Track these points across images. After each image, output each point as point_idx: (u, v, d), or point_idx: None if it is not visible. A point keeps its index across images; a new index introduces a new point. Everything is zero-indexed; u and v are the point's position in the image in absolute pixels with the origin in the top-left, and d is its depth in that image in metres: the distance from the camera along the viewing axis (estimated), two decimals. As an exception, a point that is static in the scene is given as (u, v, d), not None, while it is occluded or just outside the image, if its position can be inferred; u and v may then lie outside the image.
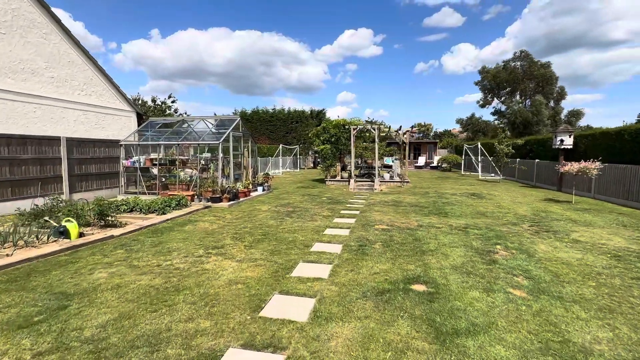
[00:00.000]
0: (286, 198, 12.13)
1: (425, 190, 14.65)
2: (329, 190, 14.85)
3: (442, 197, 12.45)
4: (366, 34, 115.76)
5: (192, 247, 6.07)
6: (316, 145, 17.59)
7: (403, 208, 10.02)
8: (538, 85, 32.62)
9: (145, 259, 5.40)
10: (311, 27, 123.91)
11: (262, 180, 13.37)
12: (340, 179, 17.16)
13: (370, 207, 10.29)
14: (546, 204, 10.70)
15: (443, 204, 10.70)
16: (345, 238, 6.61)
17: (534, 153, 18.13)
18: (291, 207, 10.27)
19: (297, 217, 8.66)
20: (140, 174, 11.35)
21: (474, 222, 8.00)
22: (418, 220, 8.29)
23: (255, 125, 39.86)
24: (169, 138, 11.52)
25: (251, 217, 8.80)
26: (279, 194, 13.38)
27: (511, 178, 19.29)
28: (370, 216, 8.77)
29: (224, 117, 12.16)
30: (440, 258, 5.36)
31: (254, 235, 6.90)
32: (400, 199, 11.87)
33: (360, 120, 16.80)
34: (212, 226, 7.73)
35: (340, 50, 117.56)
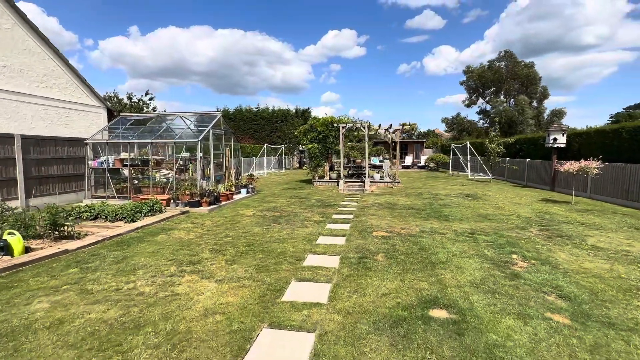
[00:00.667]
0: (272, 201, 11.23)
1: (418, 190, 14.06)
2: (318, 191, 14.03)
3: (437, 198, 11.84)
4: (350, 34, 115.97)
5: (162, 262, 5.12)
6: (303, 143, 16.73)
7: (399, 211, 9.31)
8: (522, 85, 32.91)
9: (102, 280, 4.42)
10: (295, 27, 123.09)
11: (246, 181, 12.42)
12: (329, 180, 16.37)
13: (364, 210, 9.53)
14: (546, 205, 10.24)
15: (440, 206, 10.06)
16: (342, 248, 5.81)
17: (524, 152, 17.89)
18: (278, 211, 9.39)
19: (286, 223, 7.79)
20: (109, 175, 10.19)
21: (479, 227, 7.35)
22: (418, 225, 7.58)
23: (238, 124, 38.59)
24: (142, 136, 10.41)
25: (234, 223, 7.87)
26: (264, 196, 12.45)
27: (501, 178, 19.03)
28: (366, 221, 8.01)
29: (204, 113, 11.15)
30: (454, 272, 4.63)
31: (236, 246, 6.00)
32: (394, 201, 11.18)
33: (349, 118, 16.10)
34: (188, 235, 6.77)
35: (324, 50, 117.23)
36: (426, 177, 21.29)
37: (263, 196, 12.44)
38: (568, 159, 13.84)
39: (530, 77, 32.11)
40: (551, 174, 14.17)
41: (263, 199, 11.62)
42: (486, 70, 34.26)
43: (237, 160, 12.72)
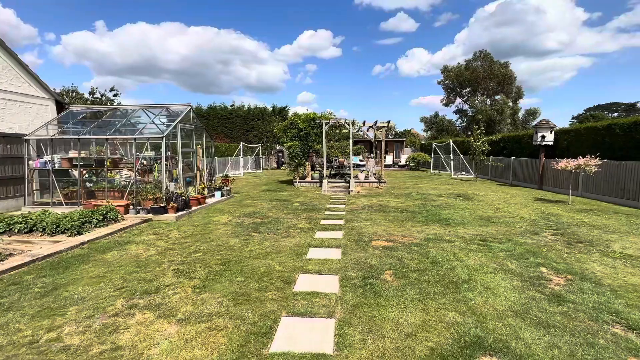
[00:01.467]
0: (251, 205, 10.02)
1: (406, 191, 13.29)
2: (300, 193, 12.94)
3: (428, 199, 11.08)
4: (325, 35, 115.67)
5: (107, 293, 3.87)
6: (283, 141, 15.59)
7: (393, 215, 8.40)
8: (498, 85, 33.36)
9: (12, 327, 3.15)
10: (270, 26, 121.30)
11: (220, 183, 11.12)
12: (311, 180, 15.32)
13: (355, 214, 8.55)
14: (543, 205, 9.70)
15: (435, 208, 9.27)
16: (339, 264, 4.77)
17: (507, 150, 17.65)
18: (258, 217, 8.22)
19: (268, 232, 6.66)
20: (55, 178, 8.61)
21: (486, 232, 6.56)
22: (420, 231, 6.69)
23: (212, 122, 36.70)
24: (96, 131, 8.88)
25: (206, 233, 6.64)
26: (241, 199, 11.21)
27: (485, 176, 18.72)
28: (360, 227, 7.02)
29: (171, 106, 9.76)
30: (486, 295, 3.72)
31: (208, 264, 4.82)
32: (384, 203, 10.29)
33: (333, 115, 15.11)
34: (148, 251, 5.50)
35: (300, 50, 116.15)
36: (410, 177, 20.71)
37: (240, 199, 11.20)
38: (556, 157, 13.57)
39: (506, 77, 32.60)
40: (539, 172, 13.85)
41: (240, 203, 10.38)
42: (463, 70, 34.46)
43: (210, 159, 11.39)
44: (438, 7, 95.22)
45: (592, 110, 57.11)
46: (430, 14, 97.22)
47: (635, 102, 54.05)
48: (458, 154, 21.57)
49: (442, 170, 25.13)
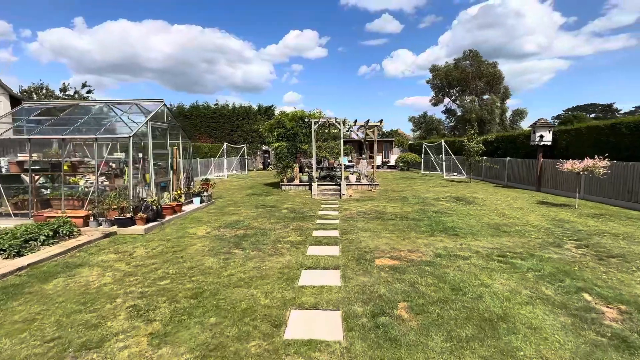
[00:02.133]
0: (233, 212, 9.00)
1: (400, 194, 12.51)
2: (288, 197, 11.97)
3: (427, 203, 10.32)
4: (311, 35, 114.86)
5: (28, 351, 2.84)
6: (269, 141, 14.58)
7: (393, 223, 7.56)
8: (487, 84, 33.21)
9: None
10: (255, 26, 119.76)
11: (199, 188, 10.03)
12: (299, 183, 14.37)
13: (351, 223, 7.67)
14: (549, 210, 9.06)
15: (437, 214, 8.49)
16: (340, 294, 3.86)
17: (502, 150, 17.15)
18: (241, 227, 7.23)
19: (253, 249, 5.69)
20: (2, 185, 7.37)
21: (502, 245, 5.78)
22: (427, 244, 5.85)
23: (194, 122, 35.27)
24: (50, 130, 7.67)
25: (178, 251, 5.62)
26: (223, 205, 10.15)
27: (478, 177, 18.19)
28: (359, 240, 6.13)
29: (142, 102, 8.63)
30: (534, 341, 2.88)
31: (175, 297, 3.82)
32: (380, 209, 9.45)
33: (322, 113, 14.21)
34: (102, 278, 4.45)
35: (286, 50, 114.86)
36: (401, 178, 20.01)
37: (222, 206, 10.14)
38: (555, 158, 13.06)
39: (495, 77, 32.47)
40: (536, 173, 13.32)
41: (221, 210, 9.34)
42: (452, 69, 34.17)
43: (188, 162, 10.28)
44: (422, 9, 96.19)
45: (571, 111, 58.38)
46: (415, 15, 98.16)
47: (612, 103, 55.83)
48: (450, 155, 21.03)
49: (433, 170, 24.61)
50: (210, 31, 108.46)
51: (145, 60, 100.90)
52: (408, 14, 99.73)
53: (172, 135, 9.39)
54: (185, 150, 10.01)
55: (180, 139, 9.54)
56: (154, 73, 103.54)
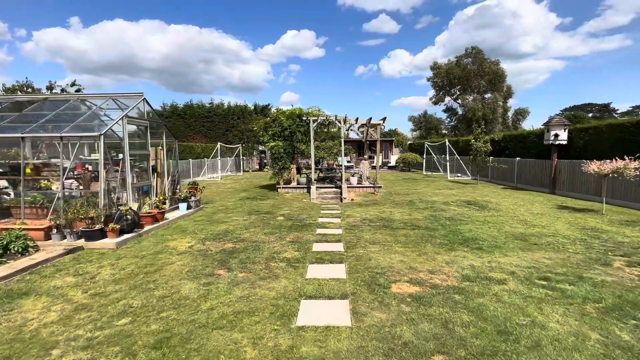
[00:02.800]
0: (223, 220, 8.04)
1: (406, 197, 11.59)
2: (285, 202, 11.02)
3: (436, 208, 9.41)
4: (309, 35, 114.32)
5: None
6: (264, 141, 13.63)
7: (404, 233, 6.64)
8: (490, 83, 32.37)
9: None
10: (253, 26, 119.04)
11: (187, 193, 9.05)
12: (297, 186, 13.42)
13: (356, 233, 6.73)
14: (575, 216, 8.18)
15: (451, 222, 7.58)
16: (352, 342, 2.92)
17: (510, 150, 16.30)
18: (230, 240, 6.27)
19: (241, 268, 4.74)
20: (-47, 191, 6.37)
21: (537, 262, 4.87)
22: (449, 261, 4.93)
23: (189, 122, 34.21)
24: (7, 128, 6.60)
25: (151, 272, 4.66)
26: (213, 212, 9.19)
27: (484, 179, 17.32)
28: (368, 257, 5.20)
29: (119, 97, 7.64)
30: None
31: (132, 347, 2.87)
32: (387, 215, 8.53)
33: (321, 111, 13.28)
34: (46, 314, 3.49)
35: (284, 50, 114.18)
36: (403, 179, 19.11)
37: (211, 212, 9.17)
38: (570, 158, 12.20)
39: (498, 75, 31.63)
40: (551, 174, 12.45)
41: (210, 218, 8.37)
42: (454, 67, 33.31)
43: (174, 163, 9.28)
44: (419, 9, 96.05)
45: (569, 110, 58.12)
46: (412, 16, 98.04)
47: (609, 103, 55.56)
48: (454, 155, 20.17)
49: (435, 171, 23.75)
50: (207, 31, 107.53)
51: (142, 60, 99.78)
52: (405, 14, 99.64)
53: (155, 134, 8.40)
54: (171, 151, 9.03)
55: (164, 138, 8.55)
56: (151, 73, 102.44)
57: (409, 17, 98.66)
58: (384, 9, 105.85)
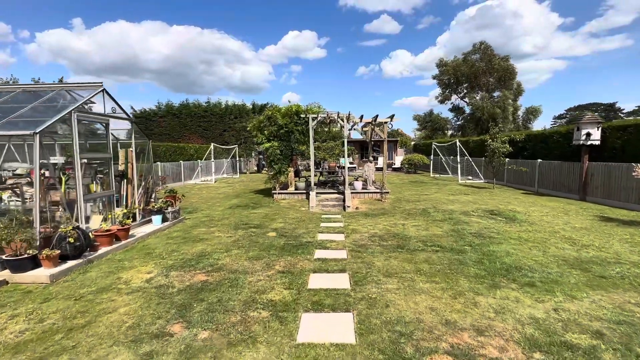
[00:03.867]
0: (202, 238, 6.65)
1: (417, 204, 10.18)
2: (280, 211, 9.62)
3: (456, 220, 8.01)
4: (310, 36, 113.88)
5: None
6: (258, 141, 12.26)
7: (425, 258, 5.23)
8: (499, 80, 30.82)
9: None
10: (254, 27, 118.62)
11: (161, 203, 7.66)
12: (295, 191, 12.03)
13: (364, 258, 5.33)
14: (630, 232, 6.76)
15: (479, 240, 6.18)
16: None
17: (529, 151, 14.85)
18: (203, 269, 4.88)
19: (205, 323, 3.34)
20: None
21: (627, 310, 3.46)
22: (497, 309, 3.52)
23: (184, 121, 32.89)
24: None
25: (78, 329, 3.27)
26: (193, 225, 7.81)
27: (500, 182, 15.86)
28: (383, 300, 3.79)
29: (73, 88, 6.26)
30: None
31: None
32: (399, 229, 7.12)
33: (321, 108, 11.90)
34: None
35: (285, 51, 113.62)
36: (410, 182, 17.68)
37: (192, 225, 7.79)
38: (604, 160, 10.77)
39: (507, 71, 30.08)
40: (581, 179, 11.01)
41: (188, 233, 6.98)
42: (461, 64, 31.76)
43: (147, 167, 7.89)
44: (420, 10, 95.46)
45: (573, 110, 57.01)
46: (413, 16, 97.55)
47: (614, 103, 54.45)
48: (464, 156, 18.74)
49: (443, 173, 22.32)
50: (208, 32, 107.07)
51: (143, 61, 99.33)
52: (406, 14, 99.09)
53: (120, 133, 7.03)
54: (143, 153, 7.64)
55: (133, 139, 7.15)
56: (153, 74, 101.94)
57: (410, 18, 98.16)
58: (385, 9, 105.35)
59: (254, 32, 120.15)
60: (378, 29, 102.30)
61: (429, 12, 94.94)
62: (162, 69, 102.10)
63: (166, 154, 18.03)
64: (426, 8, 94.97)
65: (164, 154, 17.73)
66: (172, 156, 18.83)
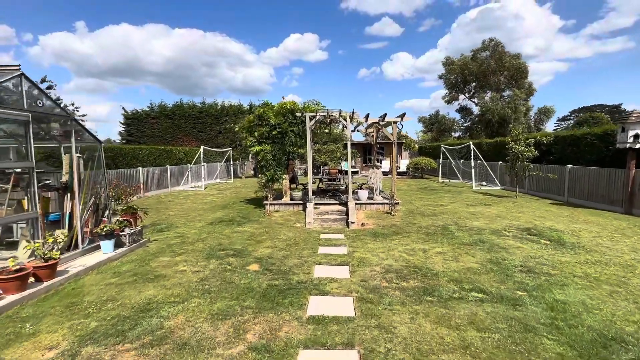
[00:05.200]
0: (158, 274, 4.98)
1: (435, 220, 8.51)
2: (270, 228, 7.97)
3: (489, 243, 6.35)
4: (312, 38, 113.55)
5: None
6: (247, 144, 10.63)
7: (468, 316, 3.57)
8: (511, 79, 29.08)
9: None
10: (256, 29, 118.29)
11: (115, 225, 5.99)
12: (289, 202, 10.38)
13: (380, 316, 3.67)
14: None
15: (534, 282, 4.52)
16: None
17: (556, 155, 13.17)
18: (135, 341, 3.22)
19: None
20: None
21: None
22: None
23: (178, 123, 31.31)
24: None
25: None
26: (156, 251, 6.15)
27: (521, 189, 14.14)
28: None
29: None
30: None
31: None
32: (419, 259, 5.47)
33: (320, 105, 10.27)
34: None
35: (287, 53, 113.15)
36: (419, 189, 16.01)
37: (154, 251, 6.13)
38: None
39: (520, 70, 28.34)
40: (626, 189, 9.34)
41: (142, 266, 5.32)
42: (469, 62, 30.04)
43: (92, 175, 6.20)
44: (422, 12, 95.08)
45: (576, 112, 55.68)
46: (414, 19, 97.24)
47: (620, 104, 53.01)
48: (478, 160, 17.06)
49: (452, 178, 20.68)
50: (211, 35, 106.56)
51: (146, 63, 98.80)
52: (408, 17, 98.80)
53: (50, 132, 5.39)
54: (92, 160, 5.98)
55: (73, 141, 5.50)
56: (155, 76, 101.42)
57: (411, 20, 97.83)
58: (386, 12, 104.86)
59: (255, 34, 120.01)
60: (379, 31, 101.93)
61: (430, 14, 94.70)
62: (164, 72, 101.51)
63: (150, 158, 16.38)
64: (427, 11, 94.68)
65: (147, 157, 16.08)
66: (158, 160, 17.20)
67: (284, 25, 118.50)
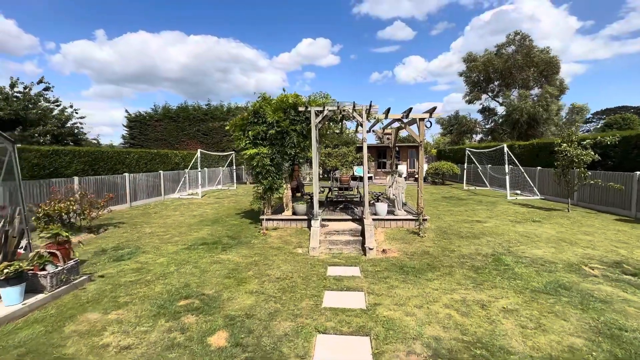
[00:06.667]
0: (56, 355, 3.12)
1: (478, 245, 6.44)
2: (262, 256, 6.04)
3: (573, 289, 4.29)
4: (324, 43, 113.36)
5: None
6: (240, 146, 8.78)
7: None
8: (540, 75, 26.47)
9: None
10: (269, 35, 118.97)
11: (34, 260, 4.18)
12: (291, 217, 8.46)
13: None
14: None
15: None
16: None
17: (615, 160, 10.86)
18: None
19: None
20: None
21: None
22: None
23: (182, 126, 29.92)
24: None
25: None
26: (89, 299, 4.30)
27: (564, 200, 11.84)
28: None
29: None
30: None
31: None
32: (483, 328, 3.45)
33: (328, 98, 8.32)
34: None
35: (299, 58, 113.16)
36: (444, 198, 13.85)
37: (88, 299, 4.29)
38: None
39: (551, 65, 25.70)
40: None
41: (48, 333, 3.46)
42: (493, 58, 27.54)
43: (8, 189, 4.43)
44: (434, 16, 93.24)
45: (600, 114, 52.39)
46: (427, 22, 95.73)
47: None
48: (512, 164, 14.79)
49: (479, 184, 18.42)
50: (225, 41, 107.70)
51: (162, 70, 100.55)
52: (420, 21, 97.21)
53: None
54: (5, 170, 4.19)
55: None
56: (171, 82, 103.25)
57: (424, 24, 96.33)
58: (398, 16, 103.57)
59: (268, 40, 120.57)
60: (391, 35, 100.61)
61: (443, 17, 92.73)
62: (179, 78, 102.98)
63: (140, 163, 14.73)
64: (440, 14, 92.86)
65: (136, 162, 14.43)
66: (150, 165, 15.56)
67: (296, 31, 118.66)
